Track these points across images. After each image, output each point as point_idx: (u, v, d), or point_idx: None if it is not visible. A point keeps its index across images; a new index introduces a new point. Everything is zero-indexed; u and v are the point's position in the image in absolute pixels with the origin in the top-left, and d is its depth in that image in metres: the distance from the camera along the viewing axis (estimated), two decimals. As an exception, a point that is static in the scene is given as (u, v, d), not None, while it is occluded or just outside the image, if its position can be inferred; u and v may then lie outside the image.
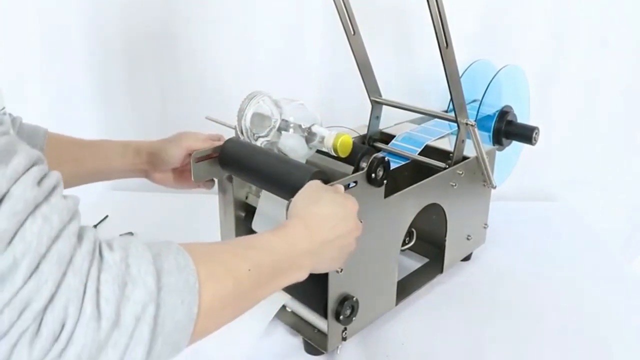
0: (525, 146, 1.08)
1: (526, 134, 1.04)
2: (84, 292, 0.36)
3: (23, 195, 0.35)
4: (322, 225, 0.60)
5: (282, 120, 0.77)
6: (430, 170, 0.87)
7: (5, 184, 0.35)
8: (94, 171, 0.85)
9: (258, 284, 0.51)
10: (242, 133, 0.79)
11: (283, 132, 0.77)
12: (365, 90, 1.01)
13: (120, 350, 0.37)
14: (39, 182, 0.37)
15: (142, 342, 0.38)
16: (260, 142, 0.78)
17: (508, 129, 1.05)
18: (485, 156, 0.90)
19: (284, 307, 0.85)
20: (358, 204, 0.66)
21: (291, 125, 0.77)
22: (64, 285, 0.36)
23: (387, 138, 0.99)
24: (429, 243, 0.97)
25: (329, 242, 0.61)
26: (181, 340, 0.42)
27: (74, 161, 0.82)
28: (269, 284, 0.53)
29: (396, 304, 0.87)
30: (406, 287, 0.90)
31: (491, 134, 1.05)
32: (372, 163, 0.72)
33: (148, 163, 0.86)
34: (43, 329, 0.35)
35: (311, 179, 0.70)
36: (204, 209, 0.95)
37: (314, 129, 0.76)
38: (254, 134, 0.78)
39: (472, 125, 0.86)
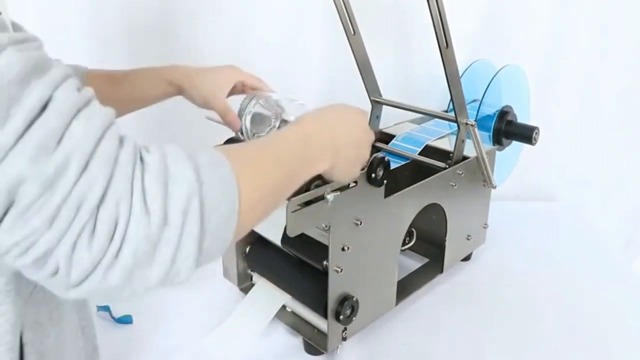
0: (525, 146, 1.08)
1: (526, 134, 1.04)
2: (132, 191, 0.37)
3: (66, 98, 0.37)
4: (342, 122, 0.61)
5: (282, 120, 0.77)
6: (430, 170, 0.87)
7: (48, 90, 0.36)
8: (132, 103, 0.84)
9: (286, 174, 0.52)
10: (242, 133, 0.79)
11: None
12: (365, 90, 1.01)
13: (174, 246, 0.38)
14: (78, 90, 0.39)
15: (192, 237, 0.39)
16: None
17: (508, 129, 1.05)
18: (485, 156, 0.90)
19: (284, 307, 0.85)
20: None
21: None
22: (113, 184, 0.37)
23: (387, 138, 0.99)
24: (429, 243, 0.97)
25: (349, 139, 0.61)
26: (227, 234, 0.43)
27: (112, 98, 0.81)
28: (295, 174, 0.54)
29: (396, 304, 0.87)
30: (406, 287, 0.90)
31: (491, 134, 1.05)
32: (372, 163, 0.72)
33: (180, 92, 0.84)
34: (98, 227, 0.36)
35: (311, 180, 0.70)
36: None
37: None
38: (254, 134, 0.78)
39: (472, 125, 0.86)
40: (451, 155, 0.89)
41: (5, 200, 0.35)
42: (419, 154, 0.92)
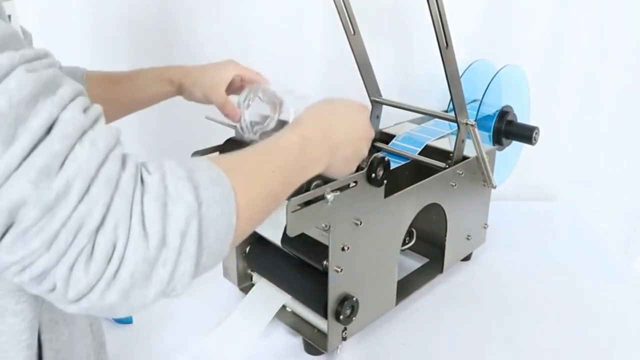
0: (525, 146, 1.08)
1: (526, 134, 1.04)
2: (131, 214, 0.38)
3: (72, 120, 0.37)
4: (337, 120, 0.62)
5: (281, 112, 0.76)
6: (430, 170, 0.87)
7: (56, 111, 0.37)
8: (132, 104, 0.84)
9: (283, 183, 0.53)
10: (241, 129, 0.78)
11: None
12: (365, 90, 1.01)
13: (171, 267, 0.39)
14: (85, 111, 0.39)
15: (189, 257, 0.40)
16: (257, 132, 0.77)
17: (508, 129, 1.05)
18: (485, 156, 0.90)
19: (284, 307, 0.85)
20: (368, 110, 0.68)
21: (292, 117, 0.76)
22: (113, 208, 0.37)
23: (387, 138, 0.99)
24: (429, 243, 0.97)
25: (344, 136, 0.61)
26: (223, 249, 0.44)
27: (112, 99, 0.81)
28: (292, 181, 0.55)
29: (396, 304, 0.87)
30: (406, 287, 0.90)
31: (491, 134, 1.05)
32: (372, 163, 0.72)
33: (180, 91, 0.84)
34: (96, 250, 0.36)
35: (311, 180, 0.70)
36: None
37: None
38: (253, 126, 0.77)
39: (472, 125, 0.86)
40: (451, 155, 0.89)
41: (5, 220, 0.35)
42: (419, 154, 0.92)
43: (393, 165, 0.81)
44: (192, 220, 0.40)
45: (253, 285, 0.89)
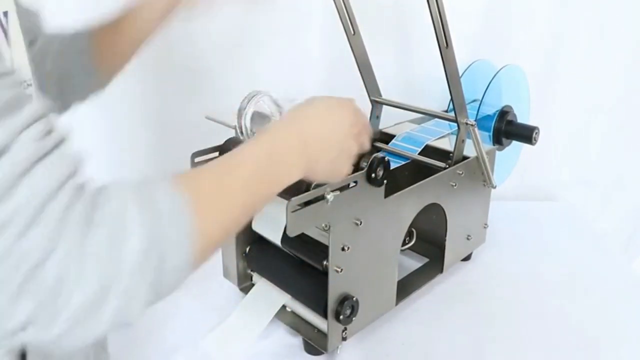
0: (525, 146, 1.08)
1: (526, 134, 1.04)
2: (80, 249, 0.36)
3: (22, 150, 0.35)
4: (313, 120, 0.59)
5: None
6: (430, 170, 0.87)
7: (7, 137, 0.35)
8: (145, 28, 0.82)
9: (252, 197, 0.50)
10: (242, 133, 0.79)
11: None
12: (365, 90, 1.01)
13: (122, 301, 0.38)
14: (42, 138, 0.37)
15: (143, 291, 0.39)
16: None
17: (508, 129, 1.05)
18: (485, 156, 0.90)
19: (284, 307, 0.85)
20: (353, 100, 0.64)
21: None
22: (61, 242, 0.35)
23: (387, 138, 0.99)
24: (429, 243, 0.97)
25: (322, 136, 0.58)
26: (181, 276, 0.42)
27: (121, 48, 0.80)
28: (262, 193, 0.52)
29: (396, 304, 0.87)
30: (406, 287, 0.90)
31: (491, 133, 1.05)
32: (372, 163, 0.72)
33: None
34: (41, 285, 0.35)
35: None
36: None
37: None
38: (253, 133, 0.78)
39: (472, 125, 0.87)
40: (451, 155, 0.89)
41: None
42: (419, 154, 0.92)
43: (393, 165, 0.81)
44: (145, 253, 0.38)
45: (253, 285, 0.89)
